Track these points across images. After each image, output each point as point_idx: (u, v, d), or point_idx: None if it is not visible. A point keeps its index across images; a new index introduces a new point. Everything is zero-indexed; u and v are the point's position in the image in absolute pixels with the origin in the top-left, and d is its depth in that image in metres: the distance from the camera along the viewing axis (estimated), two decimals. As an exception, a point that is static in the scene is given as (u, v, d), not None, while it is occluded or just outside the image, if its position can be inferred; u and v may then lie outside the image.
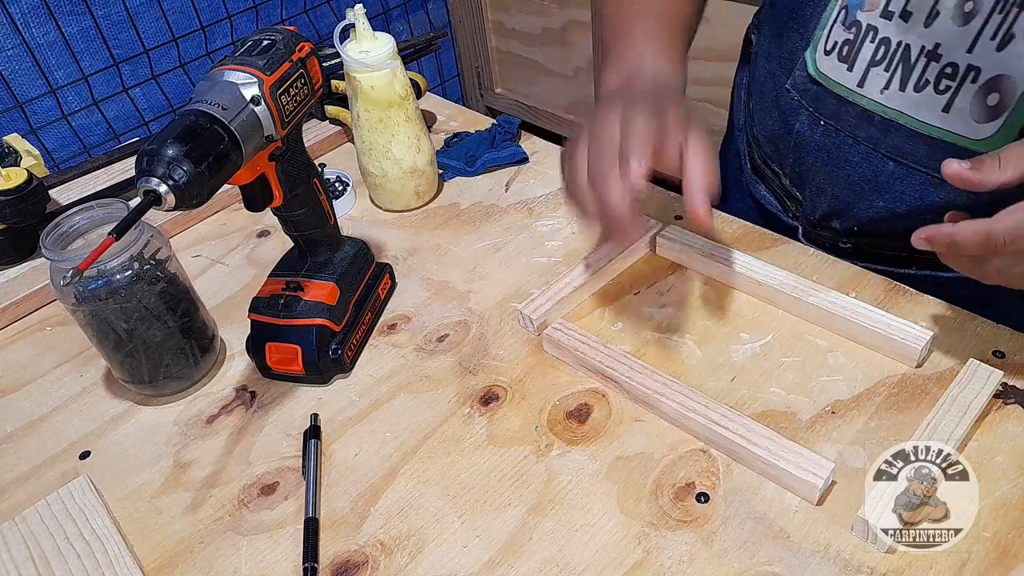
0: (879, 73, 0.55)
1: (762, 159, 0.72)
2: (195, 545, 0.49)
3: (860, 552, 0.44)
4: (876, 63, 0.55)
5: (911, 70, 0.53)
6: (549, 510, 0.49)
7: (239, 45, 0.51)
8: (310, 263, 0.61)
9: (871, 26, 0.55)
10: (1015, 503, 0.45)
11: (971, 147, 0.52)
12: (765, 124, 0.69)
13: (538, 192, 0.77)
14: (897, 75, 0.54)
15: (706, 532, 0.46)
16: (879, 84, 0.56)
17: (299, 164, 0.56)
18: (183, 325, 0.57)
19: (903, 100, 0.55)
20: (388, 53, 0.68)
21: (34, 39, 1.28)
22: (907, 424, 0.50)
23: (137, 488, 0.53)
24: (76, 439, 0.57)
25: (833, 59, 0.58)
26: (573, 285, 0.62)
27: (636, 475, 0.50)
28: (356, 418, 0.56)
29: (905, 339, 0.53)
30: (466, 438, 0.54)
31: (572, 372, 0.58)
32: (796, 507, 0.47)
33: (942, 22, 0.51)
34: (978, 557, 0.43)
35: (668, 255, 0.66)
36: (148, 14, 1.39)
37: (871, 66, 0.56)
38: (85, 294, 0.53)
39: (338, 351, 0.58)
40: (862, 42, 0.56)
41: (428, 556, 0.47)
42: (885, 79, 0.55)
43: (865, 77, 0.56)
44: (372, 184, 0.76)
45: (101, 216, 0.55)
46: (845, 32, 0.57)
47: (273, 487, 0.52)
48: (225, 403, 0.59)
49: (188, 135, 0.44)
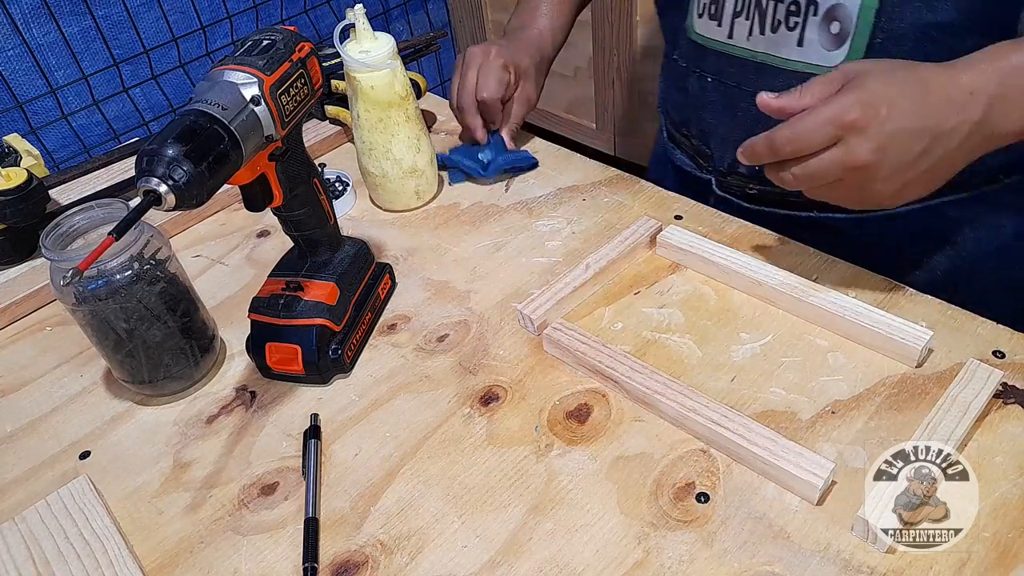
0: (742, 23, 0.64)
1: (673, 126, 0.81)
2: (195, 545, 0.49)
3: (860, 552, 0.44)
4: (738, 14, 0.64)
5: (765, 14, 0.62)
6: (549, 510, 0.49)
7: (239, 45, 0.51)
8: (310, 263, 0.61)
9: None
10: (1015, 503, 0.45)
11: None
12: (669, 94, 0.79)
13: (538, 192, 0.77)
14: (755, 21, 0.63)
15: (706, 532, 0.46)
16: (744, 32, 0.64)
17: (299, 164, 0.56)
18: (183, 325, 0.57)
19: (766, 42, 0.63)
20: (388, 53, 0.68)
21: (34, 39, 1.28)
22: (907, 424, 0.50)
23: (137, 488, 0.53)
24: (76, 439, 0.57)
25: (705, 19, 0.67)
26: (573, 285, 0.62)
27: (636, 475, 0.50)
28: (356, 418, 0.56)
29: (905, 339, 0.53)
30: (466, 438, 0.54)
31: (572, 372, 0.58)
32: (796, 507, 0.47)
33: None
34: (978, 557, 0.43)
35: (668, 255, 0.66)
36: (149, 15, 1.39)
37: (734, 17, 0.64)
38: (85, 294, 0.53)
39: (338, 351, 0.58)
40: None
41: (428, 556, 0.47)
42: (747, 27, 0.64)
43: (732, 28, 0.65)
44: (372, 184, 0.76)
45: (101, 216, 0.55)
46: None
47: (273, 487, 0.52)
48: (225, 403, 0.59)
49: (188, 135, 0.44)
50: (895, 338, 0.54)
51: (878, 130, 0.48)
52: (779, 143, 0.51)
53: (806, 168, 0.51)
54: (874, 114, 0.48)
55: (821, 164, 0.50)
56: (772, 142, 0.51)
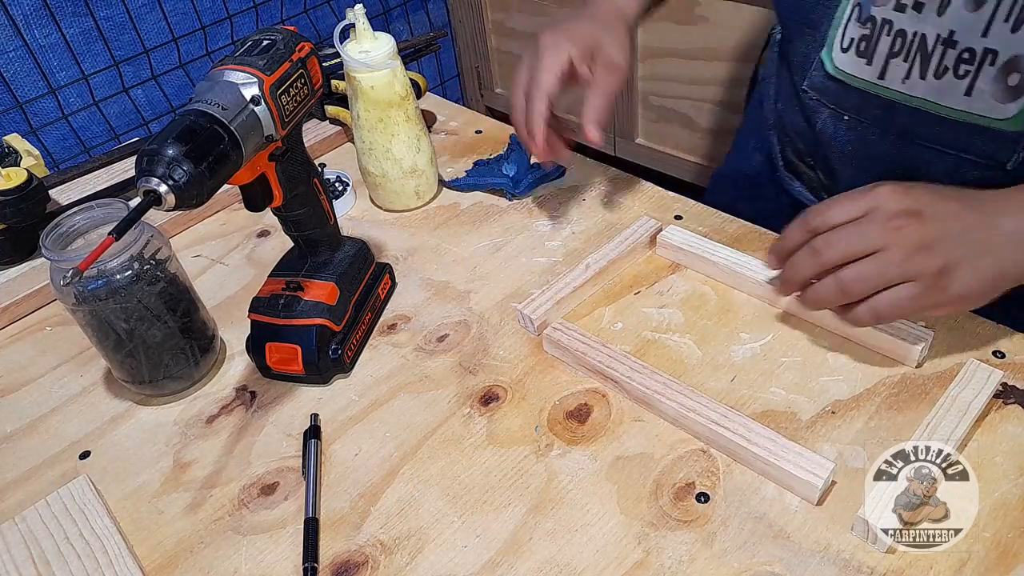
0: (898, 64, 0.57)
1: (796, 155, 0.73)
2: (195, 545, 0.49)
3: (860, 552, 0.44)
4: (895, 55, 0.56)
5: (929, 58, 0.55)
6: (549, 510, 0.49)
7: (239, 45, 0.51)
8: (310, 263, 0.61)
9: (886, 20, 0.56)
10: (1015, 503, 0.45)
11: (998, 127, 0.54)
12: (794, 122, 0.70)
13: (538, 192, 0.77)
14: (916, 64, 0.56)
15: (706, 532, 0.46)
16: (900, 74, 0.57)
17: (299, 164, 0.56)
18: (183, 325, 0.57)
19: (925, 88, 0.56)
20: (388, 53, 0.68)
21: (35, 40, 1.28)
22: (907, 424, 0.50)
23: (137, 488, 0.53)
24: (76, 439, 0.57)
25: (851, 55, 0.59)
26: (573, 285, 0.62)
27: (636, 475, 0.50)
28: (356, 418, 0.56)
29: (905, 339, 0.53)
30: (466, 438, 0.54)
31: (572, 372, 0.58)
32: (796, 507, 0.47)
33: (954, 9, 0.52)
34: (978, 557, 0.43)
35: (668, 255, 0.66)
36: (150, 16, 1.39)
37: (890, 58, 0.57)
38: (85, 294, 0.53)
39: (338, 351, 0.58)
40: (879, 36, 0.57)
41: (428, 556, 0.47)
42: (905, 69, 0.56)
43: (885, 69, 0.58)
44: (372, 184, 0.76)
45: (101, 216, 0.55)
46: (861, 28, 0.58)
47: (273, 487, 0.52)
48: (225, 403, 0.59)
49: (188, 135, 0.44)
50: (895, 338, 0.54)
51: (912, 196, 0.49)
52: (812, 225, 0.51)
53: (846, 240, 0.49)
54: (904, 188, 0.49)
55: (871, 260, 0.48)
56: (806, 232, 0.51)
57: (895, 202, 0.49)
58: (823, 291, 0.51)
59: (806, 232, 0.52)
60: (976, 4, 0.51)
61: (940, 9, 0.53)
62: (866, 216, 0.49)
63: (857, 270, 0.49)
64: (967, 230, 0.48)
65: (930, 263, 0.47)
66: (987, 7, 0.51)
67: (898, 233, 0.48)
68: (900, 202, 0.49)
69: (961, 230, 0.48)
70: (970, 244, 0.48)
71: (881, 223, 0.48)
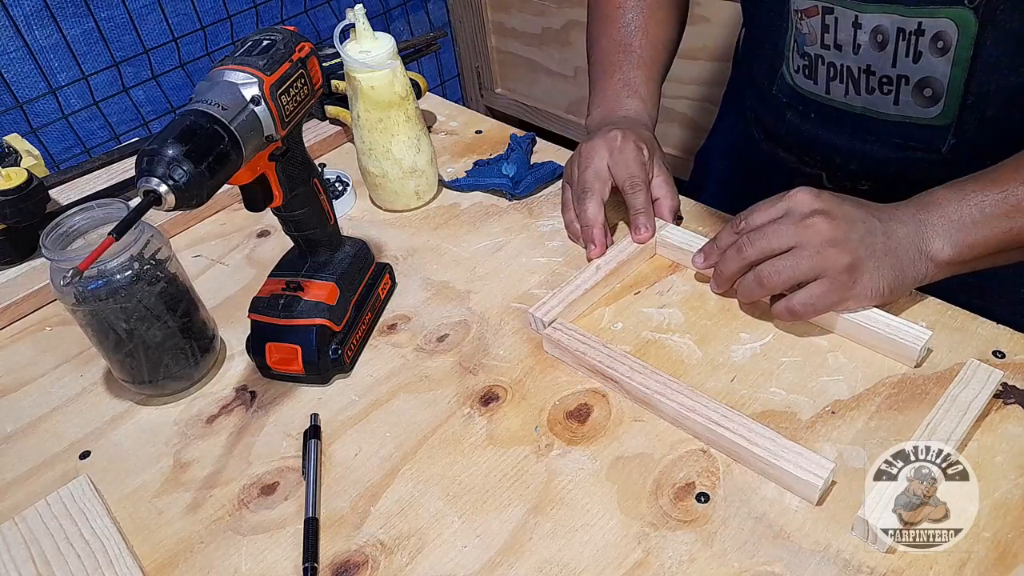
0: (837, 85, 0.67)
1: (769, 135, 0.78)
2: (195, 545, 0.49)
3: (860, 552, 0.44)
4: (832, 78, 0.67)
5: (858, 82, 0.65)
6: (549, 510, 0.49)
7: (239, 45, 0.51)
8: (310, 263, 0.61)
9: (818, 55, 0.66)
10: (1015, 503, 0.45)
11: (927, 123, 0.64)
12: (764, 111, 0.77)
13: (538, 192, 0.77)
14: (850, 85, 0.66)
15: (706, 532, 0.46)
16: (840, 92, 0.67)
17: (299, 164, 0.56)
18: (183, 325, 0.57)
19: (863, 101, 0.66)
20: (388, 53, 0.68)
21: (36, 41, 1.28)
22: (907, 424, 0.50)
23: (137, 488, 0.53)
24: (76, 439, 0.57)
25: (801, 75, 0.69)
26: (584, 288, 0.62)
27: (636, 475, 0.50)
28: (356, 418, 0.56)
29: (905, 339, 0.53)
30: (466, 438, 0.54)
31: (572, 372, 0.58)
32: (796, 507, 0.47)
33: (865, 50, 0.63)
34: (978, 557, 0.43)
35: (668, 255, 0.66)
36: (150, 16, 1.39)
37: (829, 80, 0.67)
38: (85, 294, 0.53)
39: (338, 351, 0.58)
40: (816, 65, 0.67)
41: (428, 556, 0.47)
42: (843, 88, 0.66)
43: (828, 88, 0.68)
44: (372, 184, 0.76)
45: (101, 216, 0.55)
46: (801, 59, 0.68)
47: (273, 487, 0.52)
48: (225, 403, 0.59)
49: (188, 135, 0.44)
50: (895, 338, 0.54)
51: (823, 199, 0.54)
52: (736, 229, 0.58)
53: (765, 239, 0.55)
54: (816, 192, 0.55)
55: (776, 231, 0.55)
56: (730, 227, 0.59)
57: (807, 204, 0.54)
58: (746, 284, 0.57)
59: (733, 234, 0.58)
60: (880, 46, 0.61)
61: (855, 50, 0.63)
62: (783, 217, 0.55)
63: (773, 264, 0.54)
64: (870, 232, 0.53)
65: (839, 258, 0.52)
66: (888, 48, 0.61)
67: (809, 231, 0.53)
68: (812, 204, 0.54)
69: (866, 231, 0.53)
70: (873, 245, 0.53)
71: (795, 222, 0.54)
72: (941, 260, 0.54)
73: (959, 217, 0.54)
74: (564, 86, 1.81)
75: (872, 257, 0.53)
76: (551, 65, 1.81)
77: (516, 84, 1.95)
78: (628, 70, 0.75)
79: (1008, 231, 0.53)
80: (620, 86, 0.75)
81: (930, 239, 0.54)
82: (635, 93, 0.74)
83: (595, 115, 0.74)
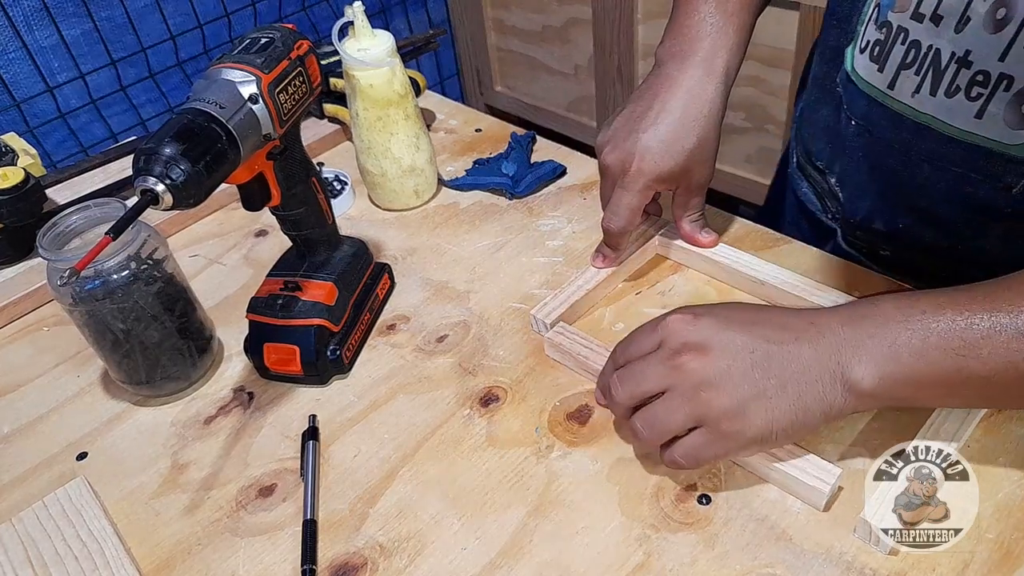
0: (909, 76, 0.53)
1: (806, 156, 0.70)
2: (193, 547, 0.49)
3: (863, 554, 0.44)
4: (907, 66, 0.53)
5: (942, 75, 0.51)
6: (549, 512, 0.48)
7: (237, 43, 0.50)
8: (308, 263, 0.61)
9: (902, 27, 0.52)
10: (1018, 504, 0.45)
11: (1006, 151, 0.50)
12: (820, 116, 0.66)
13: (538, 192, 0.77)
14: (928, 79, 0.52)
15: (708, 534, 0.46)
16: (910, 88, 0.53)
17: (297, 163, 0.55)
18: (180, 325, 0.57)
19: (934, 105, 0.52)
20: (387, 51, 0.68)
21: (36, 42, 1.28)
22: (909, 424, 0.50)
23: (134, 489, 0.53)
24: (73, 440, 0.57)
25: (866, 58, 0.56)
26: (585, 288, 0.61)
27: (637, 477, 0.50)
28: (355, 419, 0.56)
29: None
30: (466, 439, 0.53)
31: (573, 373, 0.57)
32: (798, 509, 0.47)
33: (973, 28, 0.48)
34: (981, 559, 0.43)
35: (668, 255, 0.66)
36: (150, 17, 1.39)
37: (901, 68, 0.53)
38: (82, 294, 0.52)
39: (337, 351, 0.58)
40: (893, 43, 0.53)
41: (427, 558, 0.47)
42: (916, 83, 0.52)
43: (896, 79, 0.54)
44: (371, 183, 0.76)
45: (98, 216, 0.55)
46: (877, 32, 0.54)
47: (271, 489, 0.52)
48: (223, 404, 0.59)
49: (185, 134, 0.44)
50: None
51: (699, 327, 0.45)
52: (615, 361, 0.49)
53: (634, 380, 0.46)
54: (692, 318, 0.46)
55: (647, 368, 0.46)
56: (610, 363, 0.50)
57: (680, 335, 0.45)
58: (627, 435, 0.50)
59: (614, 367, 0.49)
60: (996, 26, 0.46)
61: (958, 26, 0.48)
62: (656, 351, 0.46)
63: (644, 416, 0.46)
64: (757, 364, 0.44)
65: (715, 403, 0.43)
66: (1008, 30, 0.46)
67: (680, 372, 0.44)
68: (685, 335, 0.45)
69: (750, 364, 0.44)
70: (762, 381, 0.43)
71: (665, 359, 0.45)
72: (861, 391, 0.43)
73: (895, 341, 0.42)
74: (564, 84, 1.81)
75: (760, 397, 0.43)
76: (551, 63, 1.80)
77: (516, 82, 1.94)
78: None
79: (956, 371, 0.42)
80: (701, 28, 0.60)
81: (851, 364, 0.43)
82: (719, 29, 0.60)
83: (667, 46, 0.61)
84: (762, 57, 1.39)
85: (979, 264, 0.55)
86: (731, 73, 0.60)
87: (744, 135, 1.51)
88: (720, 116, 0.59)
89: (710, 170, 0.61)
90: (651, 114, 0.58)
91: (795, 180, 0.74)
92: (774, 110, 1.45)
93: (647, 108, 0.58)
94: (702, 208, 0.64)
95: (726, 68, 0.59)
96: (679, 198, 0.62)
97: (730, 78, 0.60)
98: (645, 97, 0.59)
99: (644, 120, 0.58)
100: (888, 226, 0.62)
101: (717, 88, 0.59)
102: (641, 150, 0.57)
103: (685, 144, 0.57)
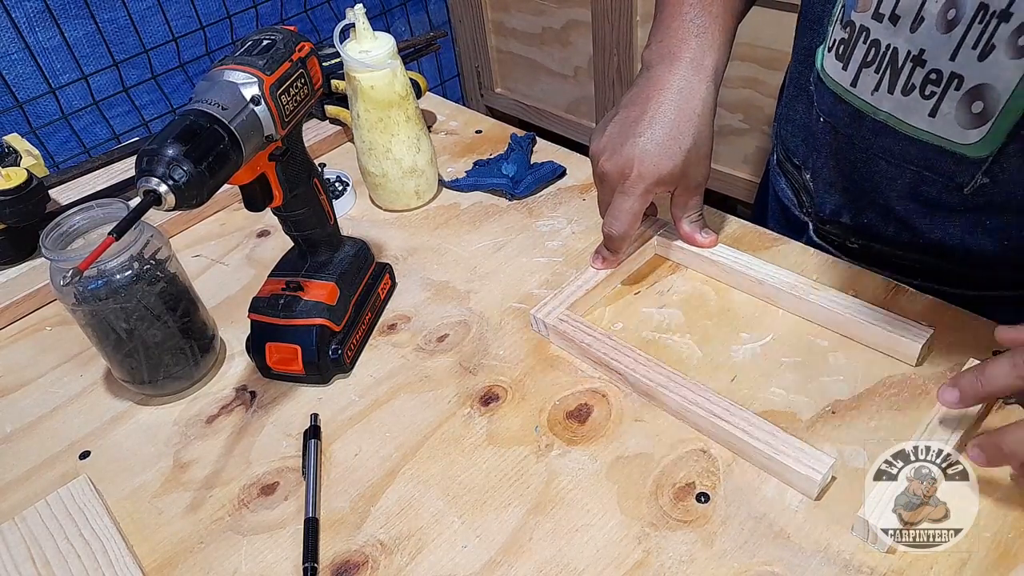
0: (870, 74, 0.55)
1: (785, 154, 0.72)
2: (195, 545, 0.49)
3: (860, 552, 0.44)
4: (867, 64, 0.55)
5: (899, 74, 0.53)
6: (549, 510, 0.49)
7: (239, 45, 0.51)
8: (310, 263, 0.61)
9: (863, 27, 0.55)
10: (1015, 503, 0.45)
11: (959, 151, 0.52)
12: (796, 114, 0.68)
13: (538, 192, 0.77)
14: (886, 78, 0.54)
15: (706, 532, 0.46)
16: (870, 85, 0.55)
17: (299, 164, 0.56)
18: (183, 325, 0.57)
19: (892, 103, 0.54)
20: (388, 53, 0.68)
21: (39, 43, 1.28)
22: (907, 424, 0.50)
23: (137, 488, 0.53)
24: (76, 439, 0.57)
25: (833, 56, 0.58)
26: (585, 288, 0.62)
27: (636, 475, 0.50)
28: (356, 418, 0.56)
29: (905, 338, 0.53)
30: (466, 438, 0.54)
31: (572, 372, 0.58)
32: (796, 507, 0.47)
33: (926, 28, 0.50)
34: (978, 557, 0.43)
35: (667, 255, 0.66)
36: (153, 19, 1.39)
37: (863, 67, 0.55)
38: (85, 294, 0.53)
39: (338, 351, 0.58)
40: (855, 42, 0.55)
41: (428, 556, 0.47)
42: (875, 80, 0.55)
43: (857, 77, 0.56)
44: (372, 184, 0.76)
45: (101, 216, 0.55)
46: (842, 31, 0.57)
47: (273, 487, 0.52)
48: (225, 403, 0.59)
49: (188, 135, 0.44)
50: (895, 337, 0.54)
51: None
52: None
53: None
54: None
55: None
56: None
57: None
58: None
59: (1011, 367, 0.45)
60: (947, 26, 0.49)
61: (913, 25, 0.51)
62: None
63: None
64: None
65: None
66: (957, 31, 0.49)
67: None
68: None
69: None
70: None
71: None
72: None
73: None
74: (564, 86, 1.81)
75: None
76: (551, 65, 1.81)
77: (516, 84, 1.95)
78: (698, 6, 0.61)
79: None
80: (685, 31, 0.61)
81: None
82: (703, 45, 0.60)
83: (654, 49, 0.62)
84: (760, 59, 1.39)
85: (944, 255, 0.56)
86: (720, 72, 0.61)
87: (741, 136, 1.51)
88: (712, 114, 0.60)
89: (706, 169, 0.61)
90: (645, 118, 0.58)
91: (774, 176, 0.75)
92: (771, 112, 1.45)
93: (641, 112, 0.59)
94: (700, 208, 0.64)
95: (715, 67, 0.60)
96: (677, 199, 0.63)
97: (719, 77, 0.61)
98: (637, 101, 0.60)
99: (639, 124, 0.58)
100: (854, 220, 0.63)
101: (708, 87, 0.59)
102: (639, 154, 0.58)
103: (682, 144, 0.58)
